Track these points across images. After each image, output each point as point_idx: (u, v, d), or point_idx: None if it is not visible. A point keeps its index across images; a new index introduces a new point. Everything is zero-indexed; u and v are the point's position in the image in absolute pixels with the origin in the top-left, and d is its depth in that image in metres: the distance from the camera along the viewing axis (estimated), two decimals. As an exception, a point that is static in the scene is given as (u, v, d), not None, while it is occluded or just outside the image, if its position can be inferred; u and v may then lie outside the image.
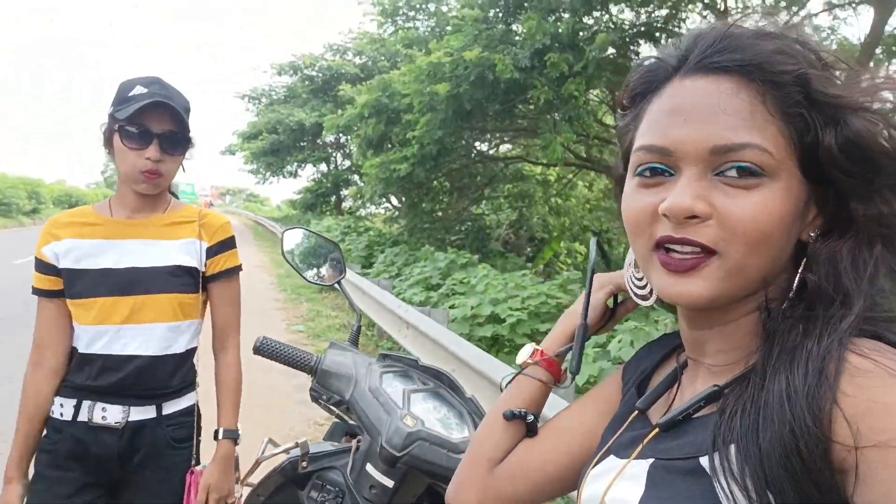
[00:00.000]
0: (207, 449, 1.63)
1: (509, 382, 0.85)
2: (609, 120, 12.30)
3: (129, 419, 1.52)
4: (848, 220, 0.56)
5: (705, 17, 10.73)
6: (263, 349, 1.26)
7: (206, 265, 1.61)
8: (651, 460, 0.60)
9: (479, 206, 15.05)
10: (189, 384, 1.63)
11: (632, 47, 10.44)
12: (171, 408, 1.58)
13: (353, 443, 1.32)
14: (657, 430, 0.62)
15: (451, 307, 5.52)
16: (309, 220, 21.29)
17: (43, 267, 1.53)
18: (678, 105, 0.58)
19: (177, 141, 1.50)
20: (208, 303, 1.66)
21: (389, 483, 1.17)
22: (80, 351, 1.52)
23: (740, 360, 0.59)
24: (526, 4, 9.81)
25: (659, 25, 10.24)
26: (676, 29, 10.52)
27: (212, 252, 1.62)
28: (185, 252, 1.58)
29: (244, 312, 1.74)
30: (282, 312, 8.43)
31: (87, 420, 1.50)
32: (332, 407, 1.26)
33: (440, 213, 14.16)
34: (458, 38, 9.66)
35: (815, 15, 9.69)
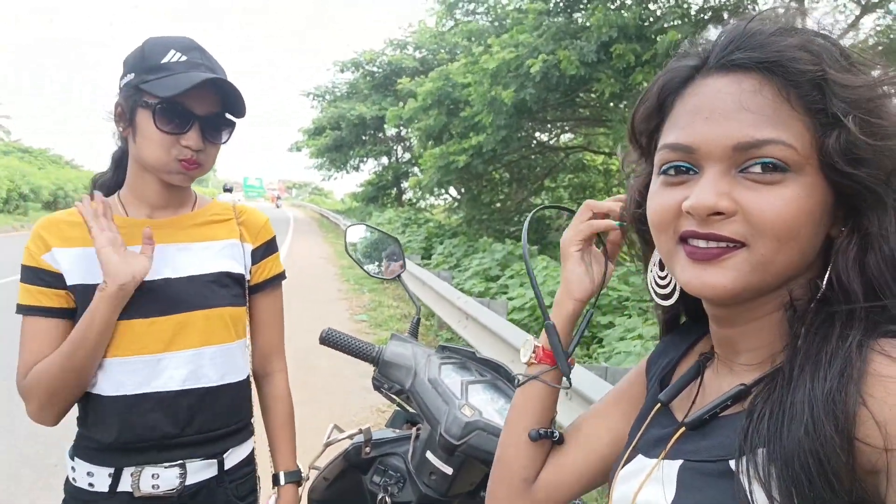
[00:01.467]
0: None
1: (522, 384, 0.82)
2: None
3: (187, 482, 1.20)
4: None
5: (779, -3, 10.22)
6: (329, 340, 1.32)
7: (250, 272, 1.33)
8: (680, 461, 0.60)
9: (538, 196, 14.93)
10: (248, 422, 1.35)
11: (702, 32, 10.06)
12: (234, 458, 1.29)
13: (414, 430, 1.38)
14: (684, 429, 0.62)
15: (510, 299, 5.53)
16: (371, 212, 21.67)
17: (40, 277, 1.17)
18: (700, 104, 0.58)
19: (222, 125, 1.21)
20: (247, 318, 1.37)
21: (448, 470, 1.21)
22: (104, 395, 1.17)
23: (767, 359, 0.59)
24: (588, -7, 9.65)
25: (730, 7, 9.84)
26: (748, 9, 10.08)
27: (257, 256, 1.34)
28: (228, 256, 1.29)
29: (310, 301, 1.58)
30: (345, 302, 8.66)
31: (131, 491, 1.17)
32: (392, 396, 1.31)
33: (499, 205, 14.15)
34: (522, 32, 9.57)
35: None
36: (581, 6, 9.78)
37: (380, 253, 1.44)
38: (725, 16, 9.92)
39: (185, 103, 1.14)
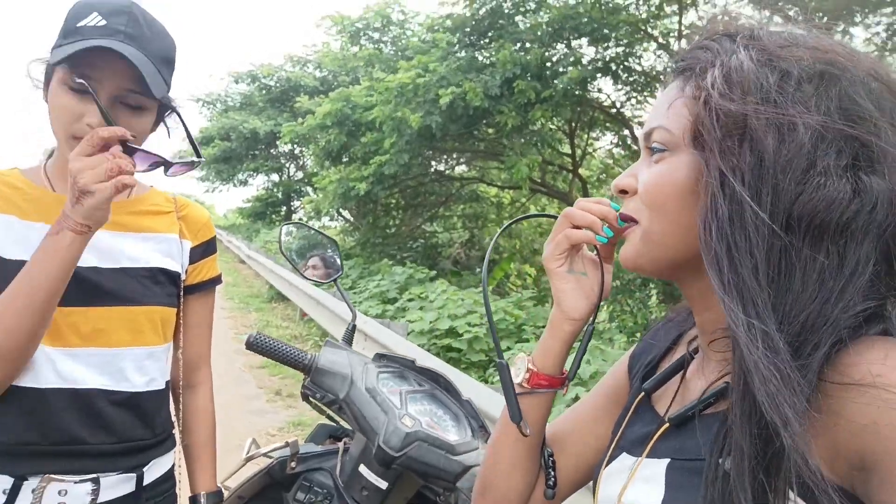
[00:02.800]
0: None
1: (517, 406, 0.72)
2: (565, 148, 12.64)
3: (100, 500, 1.06)
4: None
5: (659, 56, 11.22)
6: (256, 345, 1.23)
7: (186, 271, 1.22)
8: (667, 460, 0.60)
9: (432, 224, 15.11)
10: (170, 433, 1.22)
11: (591, 82, 10.82)
12: (154, 473, 1.15)
13: (341, 445, 1.30)
14: (668, 425, 0.62)
15: (410, 321, 5.50)
16: (259, 230, 20.87)
17: None
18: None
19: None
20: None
21: (383, 484, 1.15)
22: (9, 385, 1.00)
23: None
24: (491, 34, 10.06)
25: (617, 61, 10.66)
26: (634, 65, 10.96)
27: (196, 255, 1.23)
28: (165, 252, 1.17)
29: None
30: (229, 321, 8.20)
31: None
32: (323, 406, 1.24)
33: (393, 230, 14.14)
34: (431, 57, 9.77)
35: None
36: (484, 45, 10.18)
37: (315, 254, 1.37)
38: (613, 67, 10.75)
39: (87, 74, 0.97)
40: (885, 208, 0.51)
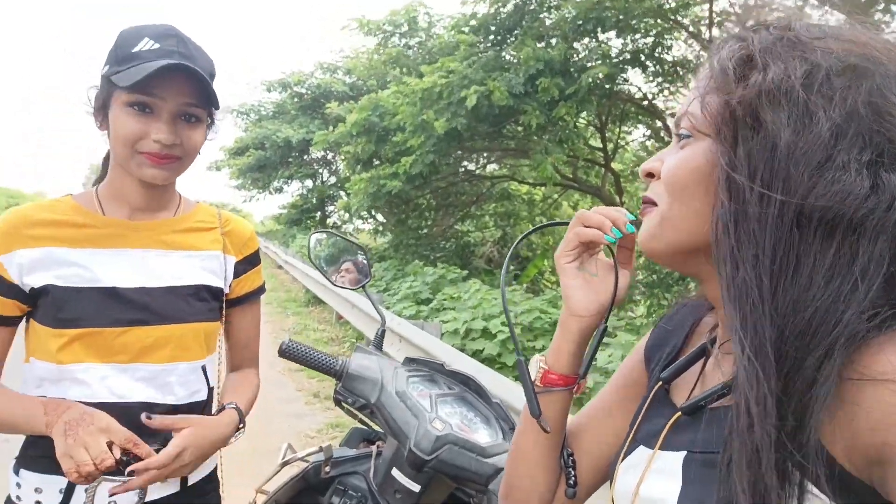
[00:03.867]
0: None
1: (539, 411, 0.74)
2: (595, 142, 12.50)
3: (148, 499, 1.12)
4: None
5: (689, 45, 11.01)
6: (289, 352, 1.26)
7: (231, 286, 1.28)
8: (684, 453, 0.60)
9: (464, 223, 15.12)
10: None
11: (621, 74, 10.68)
12: (197, 474, 1.22)
13: (374, 448, 1.32)
14: (680, 413, 0.62)
15: (443, 322, 5.52)
16: (294, 235, 21.20)
17: None
18: None
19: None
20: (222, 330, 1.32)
21: (415, 487, 1.16)
22: (66, 398, 1.10)
23: None
24: (517, 32, 10.01)
25: (646, 52, 10.49)
26: (664, 55, 10.78)
27: (239, 269, 1.29)
28: (209, 268, 1.23)
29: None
30: (268, 325, 8.36)
31: None
32: (355, 411, 1.26)
33: (425, 230, 14.20)
34: (454, 61, 9.78)
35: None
36: (508, 43, 10.13)
37: (344, 262, 1.39)
38: (642, 58, 10.58)
39: (153, 93, 1.07)
40: None
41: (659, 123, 12.05)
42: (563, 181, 12.19)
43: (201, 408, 1.22)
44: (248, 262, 1.31)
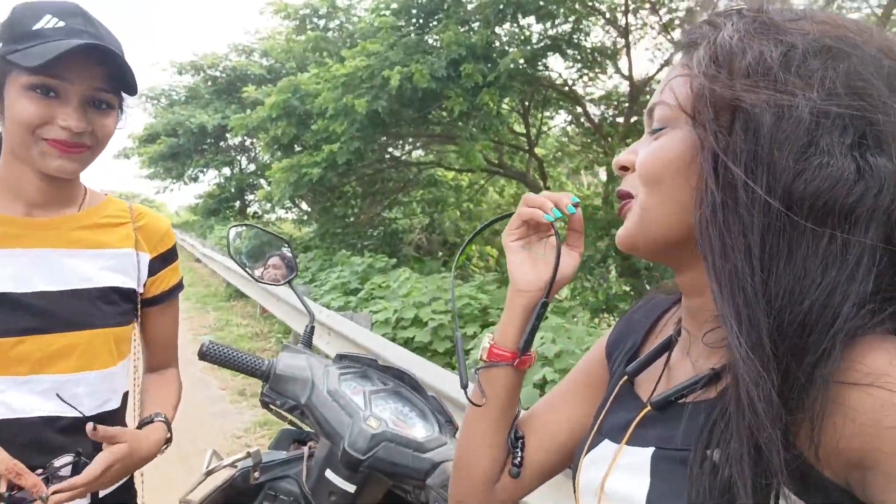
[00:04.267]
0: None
1: (465, 386, 0.76)
2: (519, 128, 12.67)
3: None
4: None
5: (607, 31, 11.31)
6: (210, 354, 1.18)
7: (145, 285, 1.19)
8: (652, 449, 0.58)
9: (391, 210, 15.01)
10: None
11: (541, 60, 10.84)
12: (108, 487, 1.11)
13: (305, 449, 1.27)
14: (649, 408, 0.61)
15: (373, 312, 5.45)
16: (213, 226, 20.38)
17: None
18: None
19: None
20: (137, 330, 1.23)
21: (351, 488, 1.12)
22: None
23: None
24: (439, 15, 9.94)
25: (565, 38, 10.69)
26: (582, 42, 11.02)
27: (155, 267, 1.19)
28: (119, 268, 1.13)
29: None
30: (187, 322, 7.99)
31: None
32: (285, 413, 1.20)
33: (352, 219, 13.99)
34: (375, 44, 9.61)
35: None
36: (431, 27, 10.06)
37: (268, 256, 1.32)
38: (562, 44, 10.79)
39: (61, 75, 0.97)
40: (891, 192, 0.48)
41: (579, 109, 12.36)
42: (489, 167, 12.30)
43: (113, 418, 1.14)
44: (164, 259, 1.22)
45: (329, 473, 1.14)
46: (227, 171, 26.40)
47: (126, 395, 1.18)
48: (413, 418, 1.17)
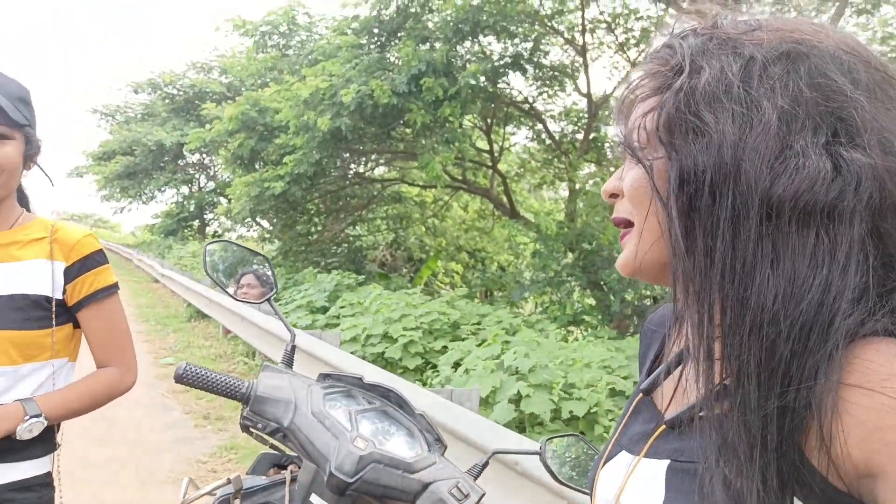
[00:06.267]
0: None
1: None
2: (482, 144, 12.78)
3: None
4: None
5: (566, 50, 11.56)
6: (187, 377, 1.12)
7: (65, 291, 1.31)
8: (667, 462, 0.58)
9: (355, 227, 14.91)
10: (24, 446, 1.25)
11: (502, 77, 10.99)
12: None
13: (287, 473, 1.22)
14: (663, 427, 0.60)
15: (343, 330, 5.36)
16: (171, 246, 19.90)
17: None
18: None
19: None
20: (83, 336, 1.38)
21: (338, 513, 1.08)
22: None
23: None
24: (400, 34, 10.01)
25: (525, 56, 10.87)
26: (541, 60, 11.23)
27: (71, 273, 1.32)
28: (31, 277, 1.28)
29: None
30: (147, 345, 7.74)
31: None
32: (266, 436, 1.15)
33: (315, 236, 13.84)
34: (336, 64, 9.61)
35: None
36: (392, 45, 10.12)
37: (244, 274, 1.27)
38: (522, 62, 10.96)
39: None
40: (870, 185, 0.48)
41: (540, 126, 12.55)
42: (452, 182, 12.35)
43: None
44: (82, 265, 1.34)
45: (314, 498, 1.09)
46: (185, 189, 25.89)
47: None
48: (401, 437, 1.13)
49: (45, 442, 1.29)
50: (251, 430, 1.14)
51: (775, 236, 0.49)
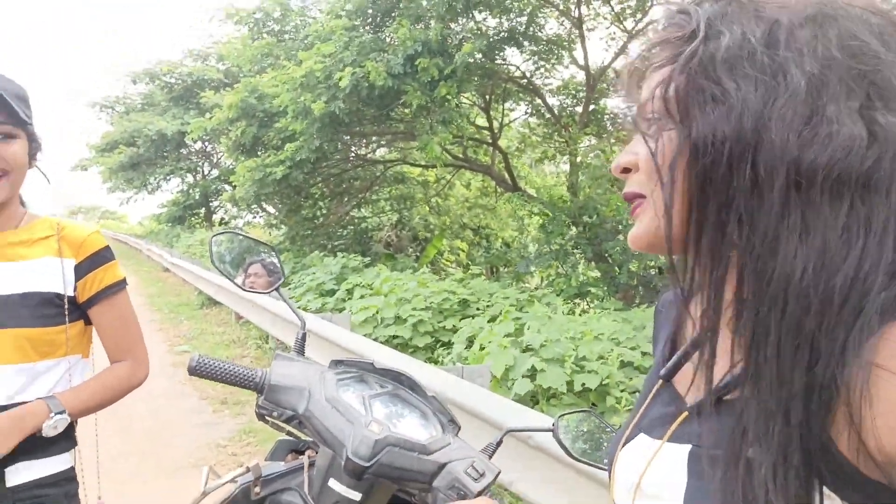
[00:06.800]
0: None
1: None
2: (481, 121, 12.69)
3: None
4: None
5: (561, 22, 11.38)
6: (200, 369, 1.14)
7: (76, 288, 1.33)
8: (689, 447, 0.56)
9: (360, 209, 14.90)
10: (45, 443, 1.27)
11: (499, 53, 10.85)
12: (21, 475, 1.24)
13: (305, 459, 1.24)
14: (686, 414, 0.58)
15: (353, 312, 5.40)
16: (179, 234, 19.97)
17: None
18: None
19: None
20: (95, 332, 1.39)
21: (356, 496, 1.10)
22: None
23: None
24: (394, 14, 9.88)
25: (521, 31, 10.72)
26: (538, 34, 11.07)
27: (81, 270, 1.33)
28: (42, 275, 1.29)
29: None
30: (161, 333, 7.83)
31: None
32: (282, 424, 1.17)
33: (320, 219, 13.85)
34: (330, 46, 9.53)
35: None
36: (387, 25, 9.99)
37: (252, 262, 1.28)
38: (518, 37, 10.81)
39: None
40: None
41: (539, 100, 12.43)
42: (453, 161, 12.29)
43: None
44: (92, 262, 1.35)
45: (333, 482, 1.11)
46: (190, 178, 25.90)
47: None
48: (415, 420, 1.15)
49: (67, 438, 1.32)
50: (267, 418, 1.16)
51: (805, 207, 0.46)
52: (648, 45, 0.57)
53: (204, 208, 25.85)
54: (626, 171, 0.60)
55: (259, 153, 11.90)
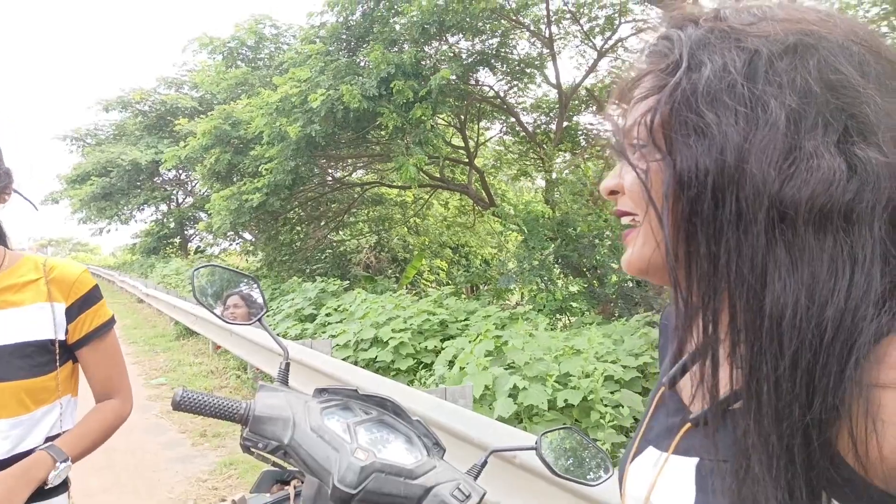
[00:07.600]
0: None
1: None
2: (457, 141, 12.81)
3: None
4: None
5: (532, 43, 11.61)
6: (185, 403, 1.14)
7: (67, 331, 1.30)
8: (696, 460, 0.56)
9: (338, 232, 14.87)
10: (44, 489, 1.24)
11: (471, 74, 11.00)
12: None
13: (290, 489, 1.24)
14: (689, 425, 0.58)
15: (332, 336, 5.36)
16: (153, 265, 19.67)
17: None
18: None
19: None
20: (81, 369, 1.37)
21: (344, 524, 1.10)
22: None
23: None
24: (368, 38, 9.99)
25: (493, 52, 10.90)
26: (510, 55, 11.27)
27: (72, 313, 1.31)
28: (34, 322, 1.26)
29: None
30: (137, 367, 7.68)
31: None
32: (267, 455, 1.17)
33: (298, 244, 13.79)
34: (304, 71, 9.59)
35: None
36: (361, 49, 10.10)
37: (233, 294, 1.29)
38: (491, 60, 10.99)
39: None
40: (887, 183, 0.46)
41: (513, 119, 12.60)
42: (430, 181, 12.36)
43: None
44: (83, 304, 1.33)
45: (320, 511, 1.12)
46: (164, 207, 25.61)
47: (48, 439, 1.29)
48: (400, 445, 1.16)
49: (63, 482, 1.29)
50: (252, 450, 1.16)
51: (789, 241, 0.46)
52: (634, 78, 0.56)
53: (179, 237, 25.55)
54: (614, 193, 0.60)
55: (234, 180, 11.86)
